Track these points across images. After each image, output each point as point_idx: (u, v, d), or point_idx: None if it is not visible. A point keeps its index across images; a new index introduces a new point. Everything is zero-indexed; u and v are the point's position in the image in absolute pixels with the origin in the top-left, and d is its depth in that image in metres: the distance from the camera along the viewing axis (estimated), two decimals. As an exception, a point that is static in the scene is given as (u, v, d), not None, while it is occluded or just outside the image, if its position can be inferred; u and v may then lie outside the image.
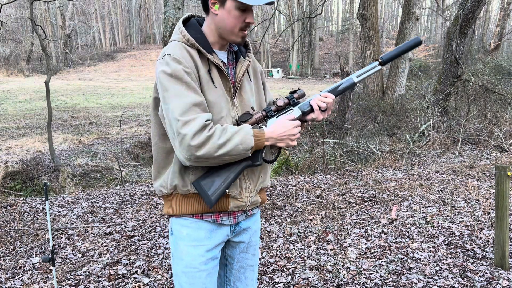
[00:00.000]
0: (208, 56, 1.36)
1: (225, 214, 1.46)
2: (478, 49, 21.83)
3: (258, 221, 1.65)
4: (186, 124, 1.25)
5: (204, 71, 1.37)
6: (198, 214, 1.42)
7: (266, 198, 1.62)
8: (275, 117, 1.42)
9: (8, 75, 29.30)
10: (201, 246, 1.43)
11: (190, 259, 1.43)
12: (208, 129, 1.27)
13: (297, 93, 1.45)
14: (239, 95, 1.45)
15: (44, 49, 7.45)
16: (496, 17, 29.07)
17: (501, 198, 2.97)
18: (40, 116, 13.94)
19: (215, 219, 1.44)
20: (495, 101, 9.03)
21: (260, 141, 1.35)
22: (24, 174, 6.89)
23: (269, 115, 1.42)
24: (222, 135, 1.27)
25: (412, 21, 11.74)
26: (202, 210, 1.41)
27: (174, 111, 1.27)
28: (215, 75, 1.39)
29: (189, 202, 1.42)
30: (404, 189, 4.94)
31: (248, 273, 1.63)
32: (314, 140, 8.82)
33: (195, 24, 1.44)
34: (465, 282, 2.82)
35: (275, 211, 4.28)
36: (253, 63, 1.57)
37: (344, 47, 42.56)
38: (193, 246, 1.43)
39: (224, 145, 1.27)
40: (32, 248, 3.45)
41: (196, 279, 1.44)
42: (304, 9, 33.39)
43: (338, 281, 2.85)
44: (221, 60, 1.43)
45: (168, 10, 5.17)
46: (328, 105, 1.41)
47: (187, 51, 1.36)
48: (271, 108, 1.42)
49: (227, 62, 1.46)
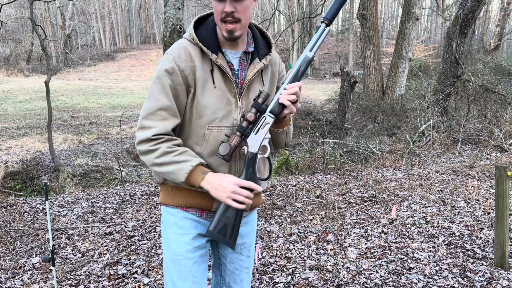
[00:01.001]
0: (211, 56, 1.35)
1: (210, 212, 1.46)
2: (478, 49, 21.81)
3: (253, 223, 1.62)
4: (142, 129, 1.36)
5: (205, 70, 1.36)
6: (184, 207, 1.45)
7: (260, 202, 1.59)
8: (254, 133, 1.37)
9: (8, 75, 29.29)
10: (186, 234, 1.45)
11: (176, 247, 1.46)
12: (153, 144, 1.33)
13: (260, 97, 1.36)
14: (246, 97, 1.42)
15: (44, 49, 7.45)
16: (496, 17, 29.07)
17: (501, 198, 2.97)
18: (40, 116, 13.94)
19: (199, 213, 1.46)
20: (495, 101, 9.03)
21: (194, 181, 1.33)
22: (24, 174, 6.89)
23: (245, 134, 1.36)
24: (162, 156, 1.33)
25: (412, 21, 11.74)
26: (187, 204, 1.45)
27: (142, 111, 1.37)
28: (217, 76, 1.37)
29: (178, 193, 1.45)
30: (404, 189, 4.94)
31: (244, 275, 1.62)
32: (314, 140, 8.82)
33: (210, 22, 1.42)
34: (465, 282, 2.82)
35: (275, 211, 4.28)
36: (274, 66, 1.52)
37: (344, 47, 42.55)
38: (179, 234, 1.46)
39: (159, 165, 1.34)
40: (32, 248, 3.45)
41: (183, 266, 1.45)
42: (304, 9, 33.37)
43: (338, 281, 2.85)
44: (229, 60, 1.39)
45: (168, 10, 5.17)
46: (296, 94, 1.34)
47: (188, 50, 1.36)
48: (243, 125, 1.35)
49: (239, 62, 1.42)
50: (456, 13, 8.90)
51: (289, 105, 1.34)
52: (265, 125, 1.37)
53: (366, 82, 12.76)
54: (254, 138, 1.37)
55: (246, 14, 1.31)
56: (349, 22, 39.57)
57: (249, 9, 1.31)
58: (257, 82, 1.45)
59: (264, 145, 1.40)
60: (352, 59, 36.18)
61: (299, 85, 1.35)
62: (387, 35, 42.25)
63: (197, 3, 41.07)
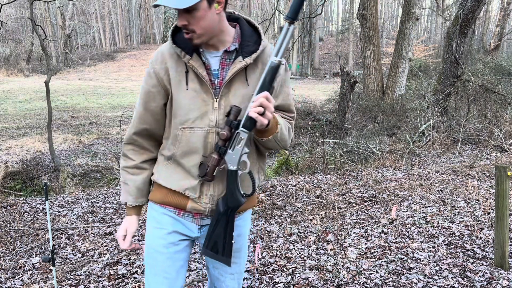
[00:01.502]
0: (183, 58, 1.35)
1: (187, 212, 1.46)
2: (478, 49, 21.81)
3: (240, 228, 1.55)
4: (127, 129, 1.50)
5: (179, 72, 1.38)
6: (163, 203, 1.48)
7: (249, 206, 1.55)
8: (230, 150, 1.34)
9: (8, 75, 29.28)
10: (162, 229, 1.47)
11: (151, 240, 1.49)
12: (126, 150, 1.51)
13: (231, 114, 1.32)
14: (226, 98, 1.38)
15: (44, 49, 7.45)
16: (496, 17, 29.07)
17: (501, 198, 2.97)
18: (40, 116, 13.94)
19: (177, 212, 1.47)
20: (495, 101, 9.03)
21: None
22: (24, 174, 6.89)
23: (222, 152, 1.34)
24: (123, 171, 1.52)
25: (412, 21, 11.74)
26: (165, 202, 1.47)
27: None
28: (192, 77, 1.37)
29: (159, 190, 1.49)
30: (404, 189, 4.94)
31: (229, 282, 1.59)
32: (314, 140, 8.82)
33: None
34: (465, 282, 2.82)
35: (275, 211, 4.28)
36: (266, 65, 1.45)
37: (344, 47, 42.54)
38: (156, 228, 1.49)
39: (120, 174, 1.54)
40: (32, 248, 3.45)
41: (156, 260, 1.48)
42: (304, 9, 33.37)
43: (338, 281, 2.85)
44: (205, 60, 1.37)
45: (168, 10, 5.17)
46: (263, 105, 1.26)
47: (164, 52, 1.41)
48: (219, 144, 1.34)
49: (219, 62, 1.39)
50: (456, 13, 8.90)
51: (257, 117, 1.26)
52: (239, 141, 1.32)
53: (366, 82, 12.76)
54: (231, 155, 1.34)
55: (200, 24, 1.28)
56: (349, 22, 39.56)
57: (204, 18, 1.28)
58: (239, 82, 1.39)
59: (243, 161, 1.36)
60: (352, 59, 36.18)
61: (264, 96, 1.26)
62: (387, 35, 42.24)
63: (197, 3, 40.97)
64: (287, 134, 1.44)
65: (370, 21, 12.16)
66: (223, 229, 1.39)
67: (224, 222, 1.39)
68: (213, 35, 1.34)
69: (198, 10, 1.25)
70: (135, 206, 1.52)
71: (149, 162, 1.52)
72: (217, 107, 1.38)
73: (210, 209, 1.43)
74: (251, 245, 3.46)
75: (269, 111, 1.27)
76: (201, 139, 1.38)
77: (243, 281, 2.89)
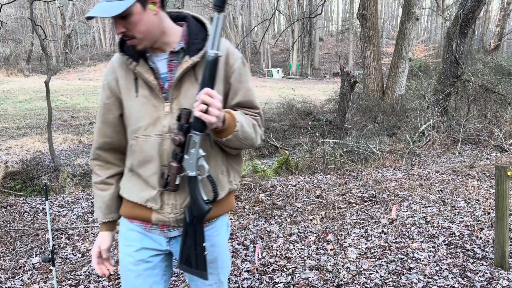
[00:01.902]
0: (129, 65, 1.31)
1: (154, 225, 1.40)
2: (478, 49, 21.82)
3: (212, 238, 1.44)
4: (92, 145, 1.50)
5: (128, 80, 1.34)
6: (129, 217, 1.43)
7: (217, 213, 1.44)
8: (186, 155, 1.26)
9: (8, 75, 29.27)
10: (130, 246, 1.43)
11: (121, 258, 1.46)
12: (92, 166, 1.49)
13: (182, 117, 1.25)
14: (178, 101, 1.31)
15: (44, 49, 7.45)
16: (496, 17, 29.07)
17: (501, 198, 2.97)
18: (40, 116, 13.94)
19: (144, 226, 1.41)
20: (495, 101, 9.03)
21: None
22: (24, 174, 6.89)
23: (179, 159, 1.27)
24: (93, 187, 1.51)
25: (412, 21, 11.75)
26: (131, 215, 1.42)
27: None
28: (141, 83, 1.33)
29: (125, 203, 1.44)
30: (404, 189, 4.94)
31: None
32: (314, 140, 8.83)
33: None
34: (465, 282, 2.82)
35: (275, 211, 4.28)
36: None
37: (344, 47, 42.54)
38: (124, 245, 1.45)
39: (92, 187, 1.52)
40: (32, 248, 3.45)
41: (127, 278, 1.45)
42: (304, 9, 33.39)
43: (338, 281, 2.85)
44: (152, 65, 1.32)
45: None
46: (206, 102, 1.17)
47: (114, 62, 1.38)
48: (176, 151, 1.27)
49: (167, 64, 1.33)
50: (456, 13, 8.90)
51: (201, 116, 1.18)
52: (193, 144, 1.25)
53: (366, 82, 12.77)
54: (188, 161, 1.26)
55: (138, 29, 1.23)
56: (349, 22, 39.57)
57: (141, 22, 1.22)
58: (189, 83, 1.31)
59: (200, 165, 1.27)
60: (352, 59, 36.18)
61: (205, 92, 1.18)
62: (387, 35, 42.25)
63: (197, 3, 41.01)
64: (251, 132, 1.34)
65: (370, 21, 12.17)
66: (192, 241, 1.31)
67: (192, 233, 1.31)
68: (155, 38, 1.28)
69: (132, 14, 1.20)
70: (107, 222, 1.47)
71: (116, 176, 1.47)
72: (169, 111, 1.31)
73: (174, 219, 1.35)
74: (251, 245, 3.46)
75: (213, 107, 1.17)
76: (155, 147, 1.31)
77: (243, 281, 2.89)
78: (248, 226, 3.89)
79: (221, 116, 1.21)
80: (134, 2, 1.18)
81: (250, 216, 4.16)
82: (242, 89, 1.38)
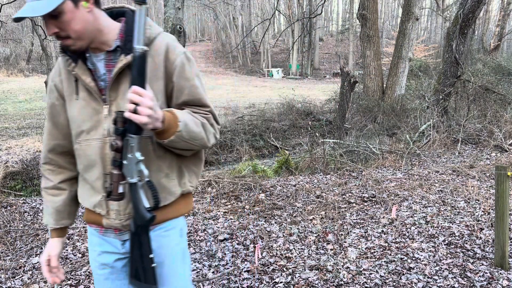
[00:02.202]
0: (68, 67, 1.26)
1: (108, 229, 1.36)
2: (478, 49, 21.83)
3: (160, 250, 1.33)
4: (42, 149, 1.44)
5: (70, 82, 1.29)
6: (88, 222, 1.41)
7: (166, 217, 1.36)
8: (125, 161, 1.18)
9: (8, 75, 29.29)
10: (93, 251, 1.42)
11: (90, 261, 1.45)
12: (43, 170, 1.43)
13: (118, 120, 1.17)
14: (115, 103, 1.24)
15: (44, 49, 7.46)
16: (496, 17, 29.08)
17: (501, 198, 2.97)
18: (40, 116, 13.94)
19: (99, 230, 1.38)
20: (495, 101, 9.03)
21: None
22: (24, 174, 6.89)
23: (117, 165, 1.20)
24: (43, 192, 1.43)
25: (412, 21, 11.75)
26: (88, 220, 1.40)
27: None
28: (81, 86, 1.27)
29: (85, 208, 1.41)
30: (404, 189, 4.94)
31: None
32: (314, 140, 8.83)
33: None
34: (465, 282, 2.82)
35: (275, 211, 4.28)
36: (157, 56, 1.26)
37: (344, 47, 42.55)
38: (90, 250, 1.44)
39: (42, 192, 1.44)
40: (32, 248, 3.45)
41: (96, 281, 1.43)
42: (304, 9, 33.38)
43: (338, 281, 2.85)
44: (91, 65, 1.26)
45: (168, 10, 5.17)
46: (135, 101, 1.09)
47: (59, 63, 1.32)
48: (115, 157, 1.19)
49: (105, 64, 1.26)
50: (456, 13, 8.90)
51: (130, 117, 1.10)
52: (130, 148, 1.17)
53: (366, 82, 12.77)
54: (127, 167, 1.18)
55: (71, 28, 1.16)
56: (349, 22, 39.58)
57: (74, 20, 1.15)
58: (127, 83, 1.22)
59: (139, 170, 1.19)
60: (352, 59, 36.19)
61: (133, 91, 1.10)
62: (387, 35, 42.26)
63: (197, 3, 41.05)
64: (199, 131, 1.26)
65: (370, 21, 12.17)
66: (138, 252, 1.24)
67: (137, 243, 1.24)
68: (91, 37, 1.21)
69: (64, 13, 1.13)
70: (58, 229, 1.41)
71: (68, 181, 1.41)
72: (108, 114, 1.25)
73: (120, 224, 1.29)
74: (251, 245, 3.46)
75: (143, 106, 1.09)
76: (97, 151, 1.26)
77: (243, 281, 2.89)
78: (248, 226, 3.89)
79: (156, 116, 1.12)
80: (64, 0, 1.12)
81: (250, 216, 4.16)
82: (187, 87, 1.29)
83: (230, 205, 4.49)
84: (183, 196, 1.38)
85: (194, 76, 1.31)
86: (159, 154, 1.29)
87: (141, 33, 1.13)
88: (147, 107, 1.09)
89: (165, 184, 1.31)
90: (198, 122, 1.27)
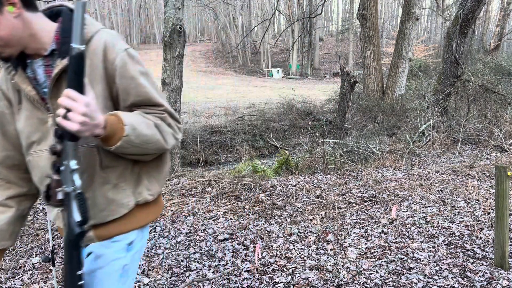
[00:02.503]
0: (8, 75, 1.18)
1: None
2: (478, 49, 21.83)
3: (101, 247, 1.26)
4: None
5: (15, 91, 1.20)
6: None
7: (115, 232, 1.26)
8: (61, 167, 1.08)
9: (8, 75, 29.31)
10: None
11: None
12: None
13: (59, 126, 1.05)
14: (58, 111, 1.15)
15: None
16: (496, 17, 29.08)
17: (501, 198, 2.97)
18: None
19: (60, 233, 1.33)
20: (495, 101, 9.04)
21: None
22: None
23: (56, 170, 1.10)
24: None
25: (412, 21, 11.76)
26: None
27: None
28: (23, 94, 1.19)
29: None
30: (404, 189, 4.95)
31: None
32: (314, 140, 8.84)
33: None
34: (465, 282, 2.82)
35: (275, 211, 4.28)
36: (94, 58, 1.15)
37: (344, 47, 42.55)
38: None
39: None
40: (32, 248, 3.45)
41: None
42: (304, 9, 33.38)
43: (338, 281, 2.85)
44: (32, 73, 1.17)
45: (168, 10, 5.17)
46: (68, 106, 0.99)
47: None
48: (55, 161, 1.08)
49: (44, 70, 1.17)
50: (456, 13, 8.90)
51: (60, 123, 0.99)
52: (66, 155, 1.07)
53: (366, 82, 12.78)
54: (63, 174, 1.07)
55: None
56: (349, 22, 39.58)
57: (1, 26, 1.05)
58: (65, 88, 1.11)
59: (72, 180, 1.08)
60: (352, 59, 36.19)
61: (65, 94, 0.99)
62: (387, 35, 42.27)
63: (197, 3, 41.04)
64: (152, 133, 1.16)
65: (370, 21, 12.18)
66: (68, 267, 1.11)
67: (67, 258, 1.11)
68: (23, 43, 1.11)
69: None
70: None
71: (16, 198, 1.28)
72: (53, 124, 1.15)
73: None
74: (251, 245, 3.47)
75: (75, 112, 0.98)
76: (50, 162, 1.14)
77: (243, 281, 2.89)
78: (248, 226, 3.89)
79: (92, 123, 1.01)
80: None
81: (250, 216, 4.16)
82: (133, 87, 1.17)
83: (230, 205, 4.49)
84: (139, 206, 1.27)
85: (139, 74, 1.18)
86: (107, 164, 1.19)
87: (78, 30, 1.01)
88: (80, 113, 0.98)
89: (113, 197, 1.21)
90: (151, 123, 1.16)
